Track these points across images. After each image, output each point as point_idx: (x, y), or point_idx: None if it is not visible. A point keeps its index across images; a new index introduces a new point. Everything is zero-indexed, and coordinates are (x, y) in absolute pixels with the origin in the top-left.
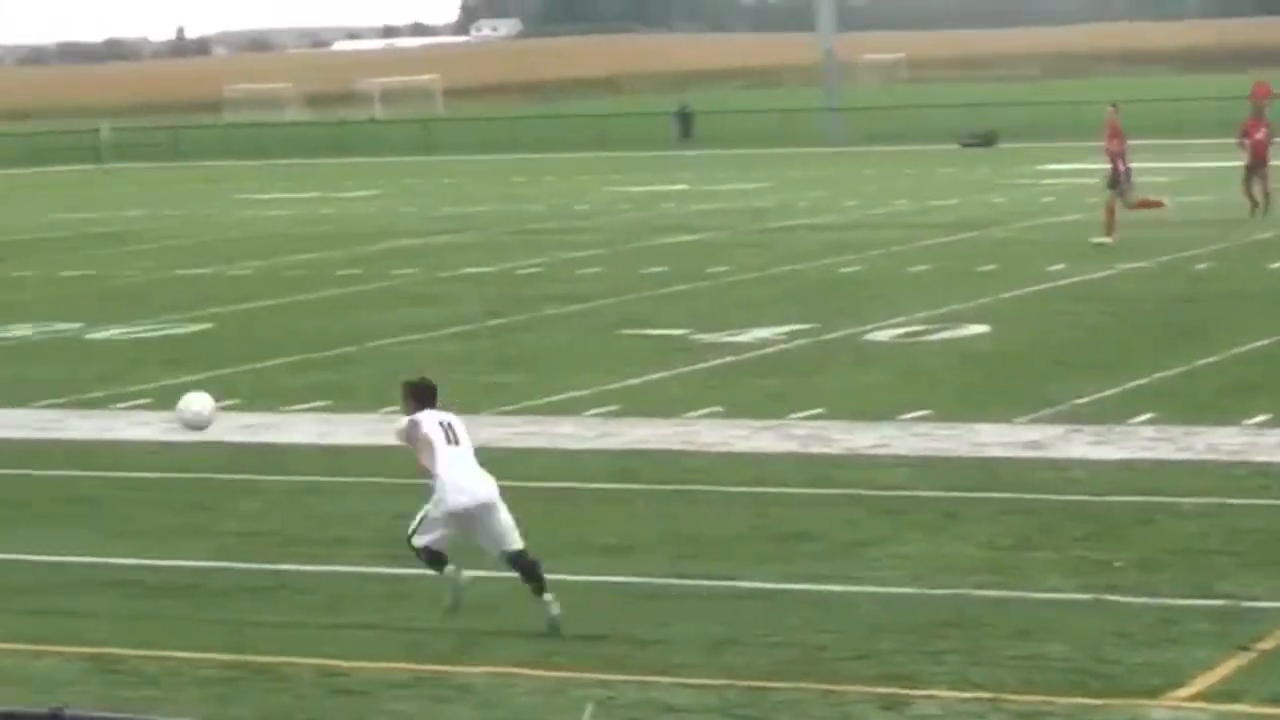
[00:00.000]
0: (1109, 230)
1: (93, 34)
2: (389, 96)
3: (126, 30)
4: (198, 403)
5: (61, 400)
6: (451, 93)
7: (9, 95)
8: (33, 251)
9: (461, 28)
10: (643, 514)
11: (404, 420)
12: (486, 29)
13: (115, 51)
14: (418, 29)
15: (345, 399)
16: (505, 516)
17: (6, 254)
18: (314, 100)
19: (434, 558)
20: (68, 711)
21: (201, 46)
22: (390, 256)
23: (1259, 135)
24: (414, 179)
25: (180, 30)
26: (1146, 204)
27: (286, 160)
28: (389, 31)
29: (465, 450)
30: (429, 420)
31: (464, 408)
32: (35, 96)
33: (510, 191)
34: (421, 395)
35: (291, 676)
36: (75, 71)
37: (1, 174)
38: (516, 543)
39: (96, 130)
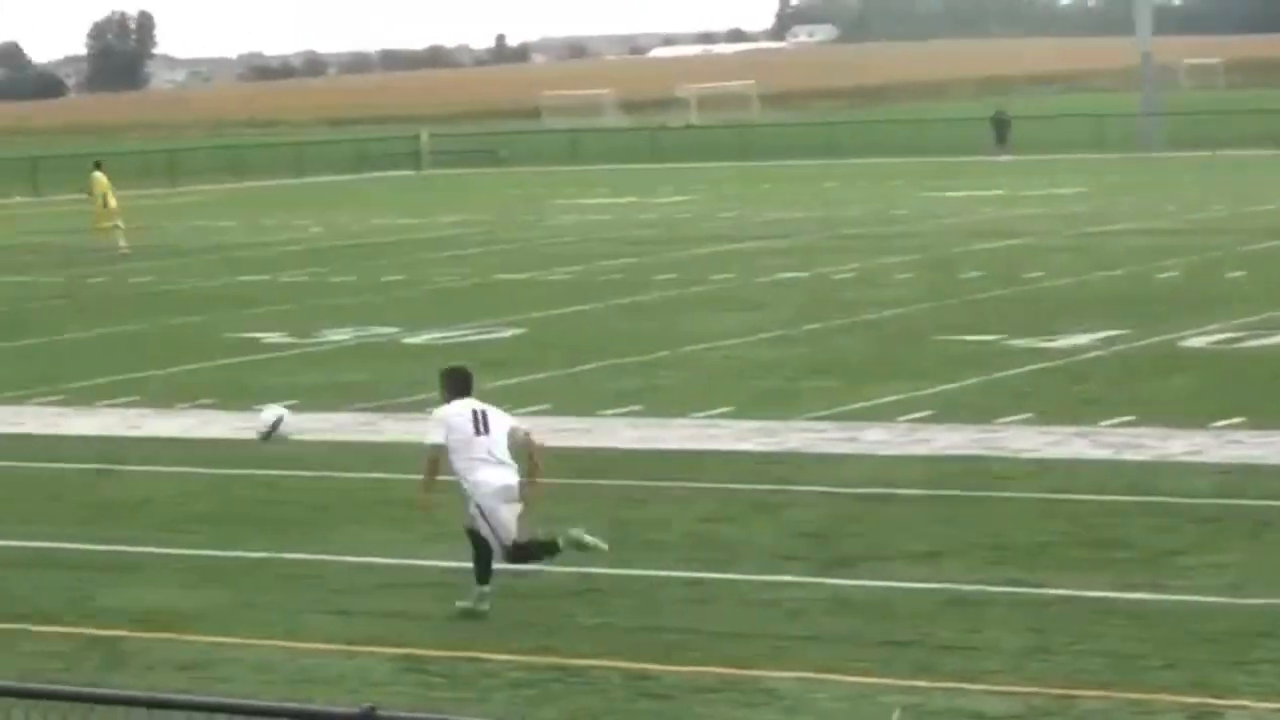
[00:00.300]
0: None
1: (415, 41)
2: (705, 102)
3: (448, 37)
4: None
5: (377, 404)
6: (767, 98)
7: (333, 102)
8: (354, 257)
9: (778, 33)
10: (952, 520)
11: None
12: (803, 34)
13: (437, 59)
14: (735, 35)
15: (659, 404)
16: (512, 515)
17: (328, 259)
18: (631, 106)
19: (541, 546)
20: (379, 711)
21: (521, 53)
22: (706, 261)
23: None
24: (730, 184)
25: (501, 37)
26: None
27: (604, 166)
28: (705, 38)
29: (490, 439)
30: (458, 410)
31: (776, 412)
32: (358, 104)
33: (825, 197)
34: (456, 384)
35: (600, 679)
36: (397, 79)
37: (326, 180)
38: (523, 540)
39: (417, 137)
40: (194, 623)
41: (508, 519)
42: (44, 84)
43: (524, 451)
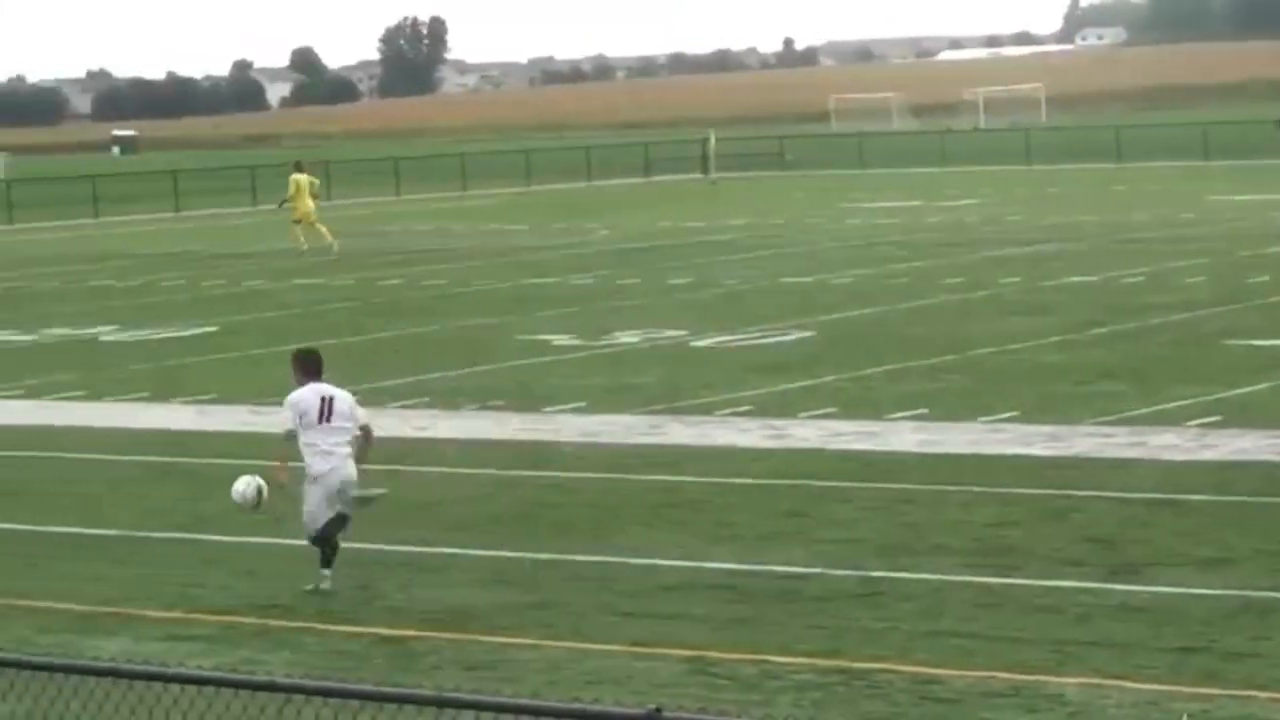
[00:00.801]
0: None
1: (703, 45)
2: (992, 105)
3: (735, 41)
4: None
5: (664, 406)
6: (1055, 101)
7: (621, 106)
8: (641, 259)
9: (1066, 36)
10: (1242, 526)
11: (286, 410)
12: (1091, 37)
13: (724, 63)
14: (1022, 38)
15: (944, 407)
16: (355, 488)
17: (616, 262)
18: (919, 110)
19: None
20: (665, 713)
21: (809, 57)
22: (993, 265)
23: None
24: (1017, 187)
25: (788, 41)
26: None
27: (890, 170)
28: (993, 41)
29: (333, 430)
30: (309, 395)
31: (1063, 417)
32: (646, 107)
33: (1113, 200)
34: (307, 367)
35: (885, 683)
36: (685, 82)
37: (616, 183)
38: (349, 509)
39: (705, 140)
40: (482, 623)
41: (319, 511)
42: (338, 89)
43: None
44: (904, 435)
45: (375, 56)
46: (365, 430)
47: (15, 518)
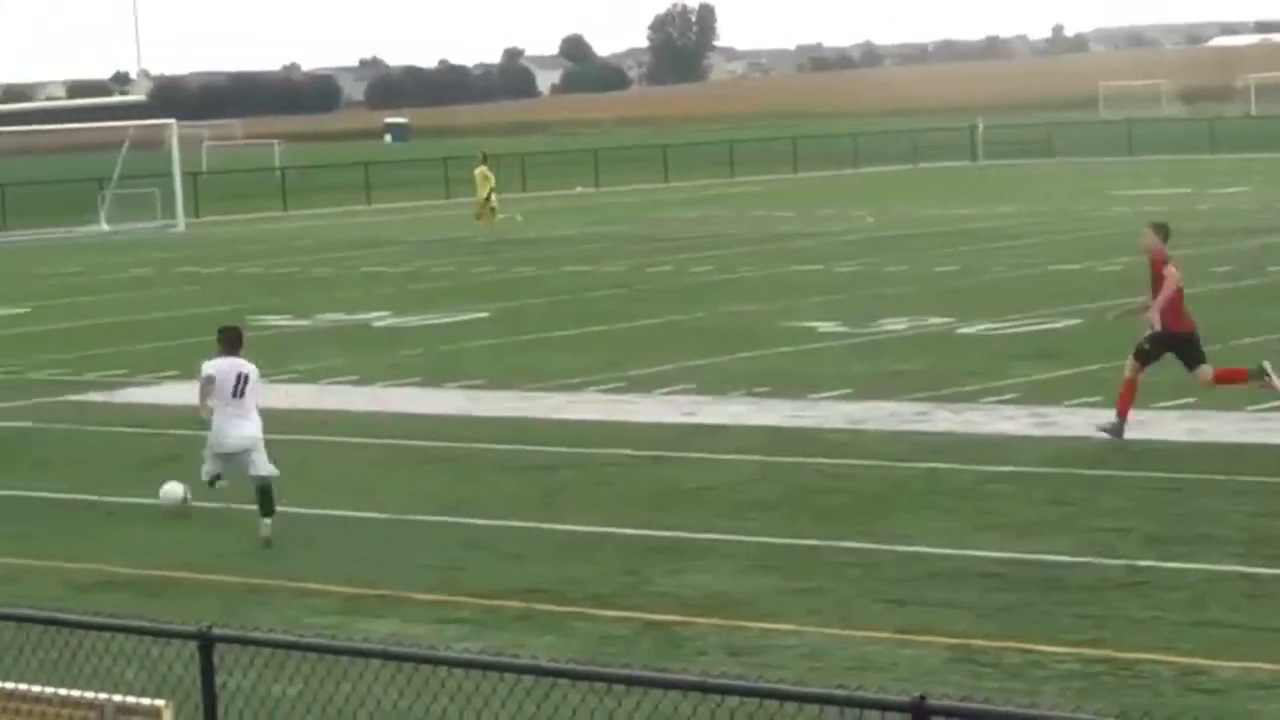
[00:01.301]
0: None
1: (971, 32)
2: (1264, 92)
3: (1004, 28)
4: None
5: (930, 394)
6: None
7: (889, 94)
8: (908, 247)
9: None
10: None
11: (203, 372)
12: None
13: (992, 49)
14: None
15: (1211, 396)
16: (259, 456)
17: (882, 249)
18: (1189, 96)
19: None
20: (930, 701)
21: (1078, 44)
22: (1262, 253)
23: None
24: None
25: (1058, 28)
26: None
27: (1159, 156)
28: (1265, 26)
29: (242, 401)
30: (225, 368)
31: None
32: (914, 94)
33: None
34: (229, 342)
35: (1150, 674)
36: (953, 69)
37: (885, 170)
38: (264, 471)
39: (972, 127)
40: (747, 608)
41: (263, 466)
42: (607, 76)
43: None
44: (1171, 424)
45: (644, 44)
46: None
47: (288, 500)
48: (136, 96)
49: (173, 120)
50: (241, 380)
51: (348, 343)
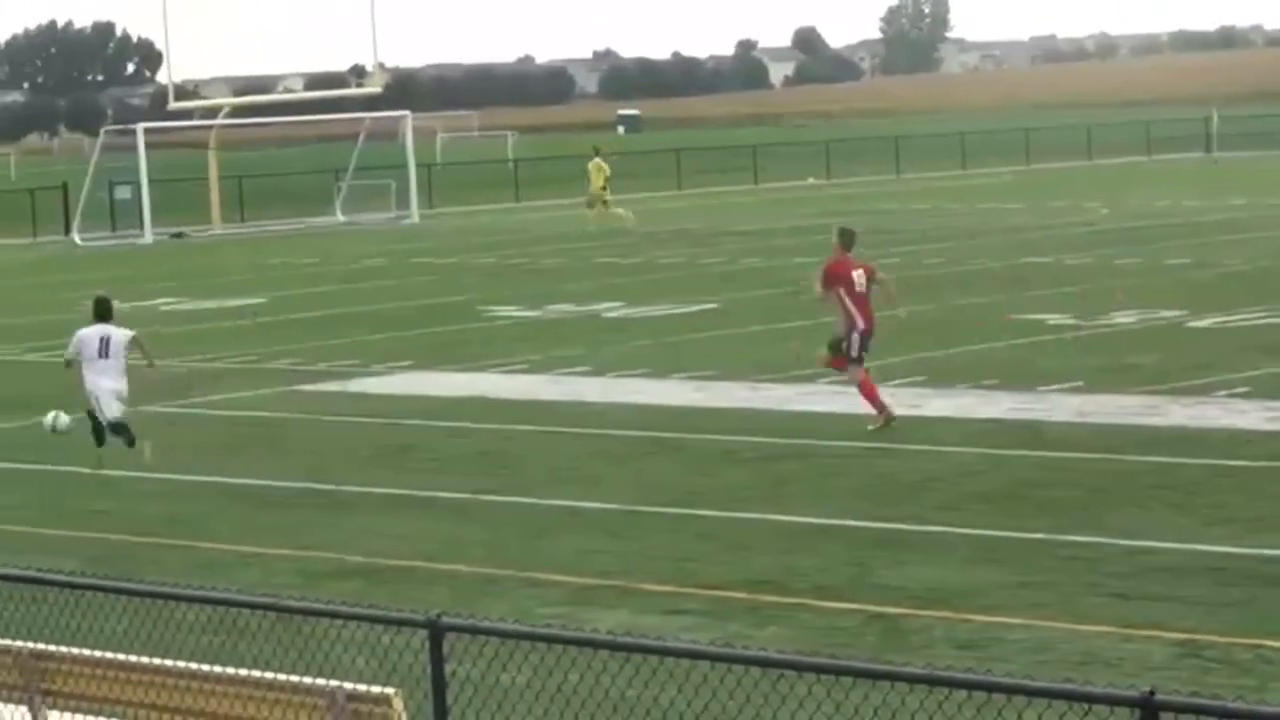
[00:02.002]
0: None
1: (1206, 22)
2: None
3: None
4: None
5: (1161, 387)
6: None
7: (1123, 85)
8: (1139, 239)
9: None
10: None
11: (70, 344)
12: None
13: (1228, 39)
14: None
15: None
16: (115, 404)
17: (1113, 242)
18: None
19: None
20: (1158, 696)
21: None
22: None
23: None
24: None
25: None
26: None
27: None
28: None
29: (107, 361)
30: (88, 335)
31: None
32: (1148, 85)
33: None
34: (98, 311)
35: None
36: (1188, 60)
37: (1115, 162)
38: (115, 415)
39: (1207, 119)
40: (972, 601)
41: (109, 407)
42: (839, 68)
43: (138, 349)
44: None
45: (877, 36)
46: (138, 344)
47: (518, 490)
48: (373, 89)
49: (408, 112)
50: (104, 342)
51: (578, 333)
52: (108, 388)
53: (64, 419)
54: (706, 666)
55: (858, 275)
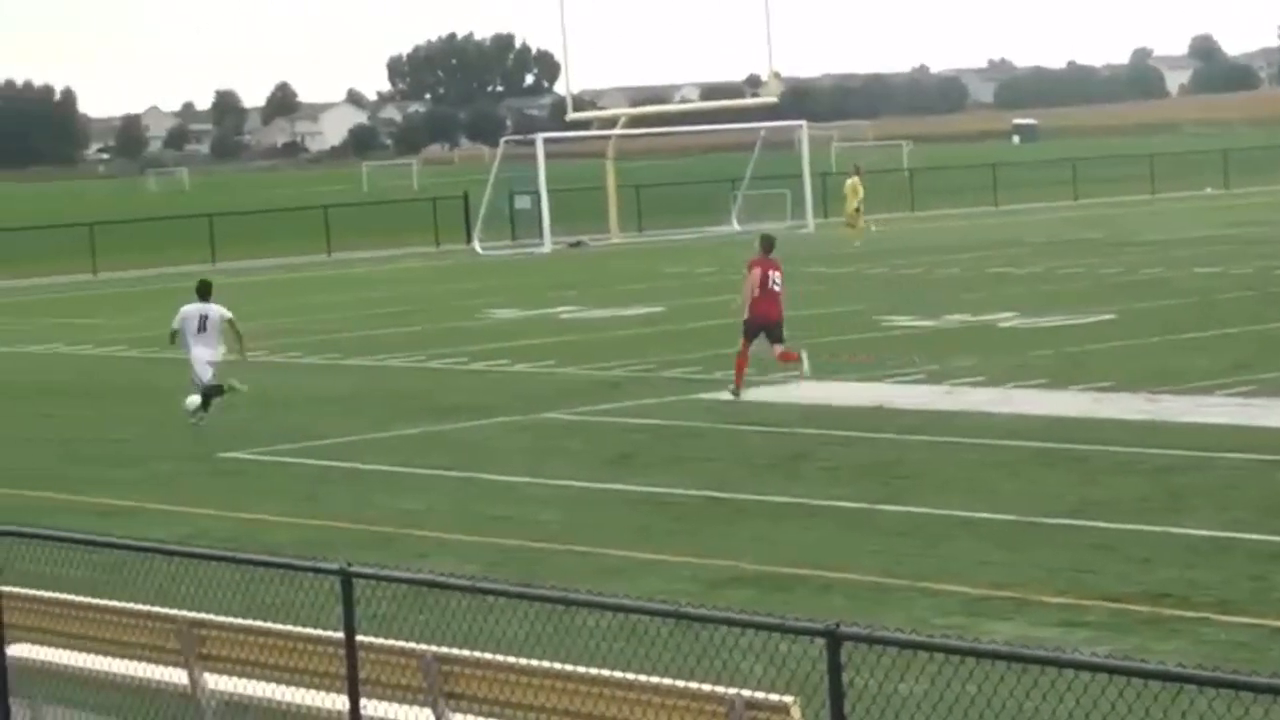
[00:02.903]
0: None
1: None
2: None
3: None
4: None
5: None
6: None
7: None
8: None
9: None
10: None
11: (175, 317)
12: None
13: None
14: None
15: None
16: (209, 369)
17: None
18: None
19: (216, 389)
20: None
21: None
22: None
23: None
24: None
25: None
26: None
27: None
28: None
29: (206, 335)
30: (190, 311)
31: None
32: None
33: None
34: (199, 291)
35: None
36: None
37: None
38: (208, 379)
39: None
40: None
41: (204, 371)
42: (1237, 76)
43: (230, 330)
44: None
45: (1276, 44)
46: (233, 326)
47: (911, 500)
48: (768, 98)
49: (803, 122)
50: (202, 319)
51: (974, 343)
52: (203, 356)
53: (194, 400)
54: (1105, 679)
55: (774, 275)
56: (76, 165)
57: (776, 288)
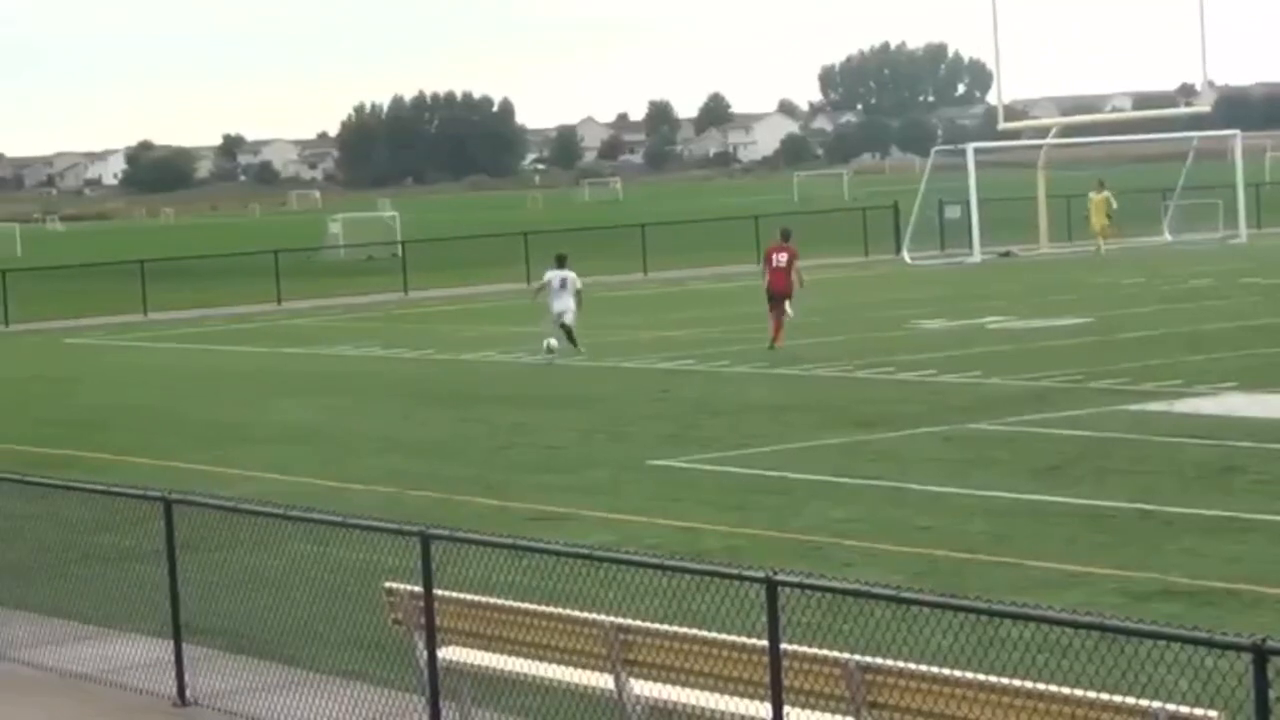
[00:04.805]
0: None
1: None
2: None
3: None
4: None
5: None
6: None
7: None
8: None
9: None
10: None
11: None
12: None
13: None
14: None
15: None
16: (569, 314)
17: None
18: None
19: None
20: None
21: None
22: None
23: None
24: None
25: None
26: None
27: None
28: None
29: (564, 291)
30: (554, 275)
31: None
32: None
33: None
34: (557, 260)
35: None
36: None
37: None
38: (568, 321)
39: None
40: None
41: (565, 316)
42: None
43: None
44: None
45: None
46: (578, 292)
47: None
48: (1201, 107)
49: (1237, 131)
50: (561, 280)
51: None
52: (561, 308)
53: (551, 342)
54: None
55: (778, 256)
56: (513, 175)
57: (780, 266)
